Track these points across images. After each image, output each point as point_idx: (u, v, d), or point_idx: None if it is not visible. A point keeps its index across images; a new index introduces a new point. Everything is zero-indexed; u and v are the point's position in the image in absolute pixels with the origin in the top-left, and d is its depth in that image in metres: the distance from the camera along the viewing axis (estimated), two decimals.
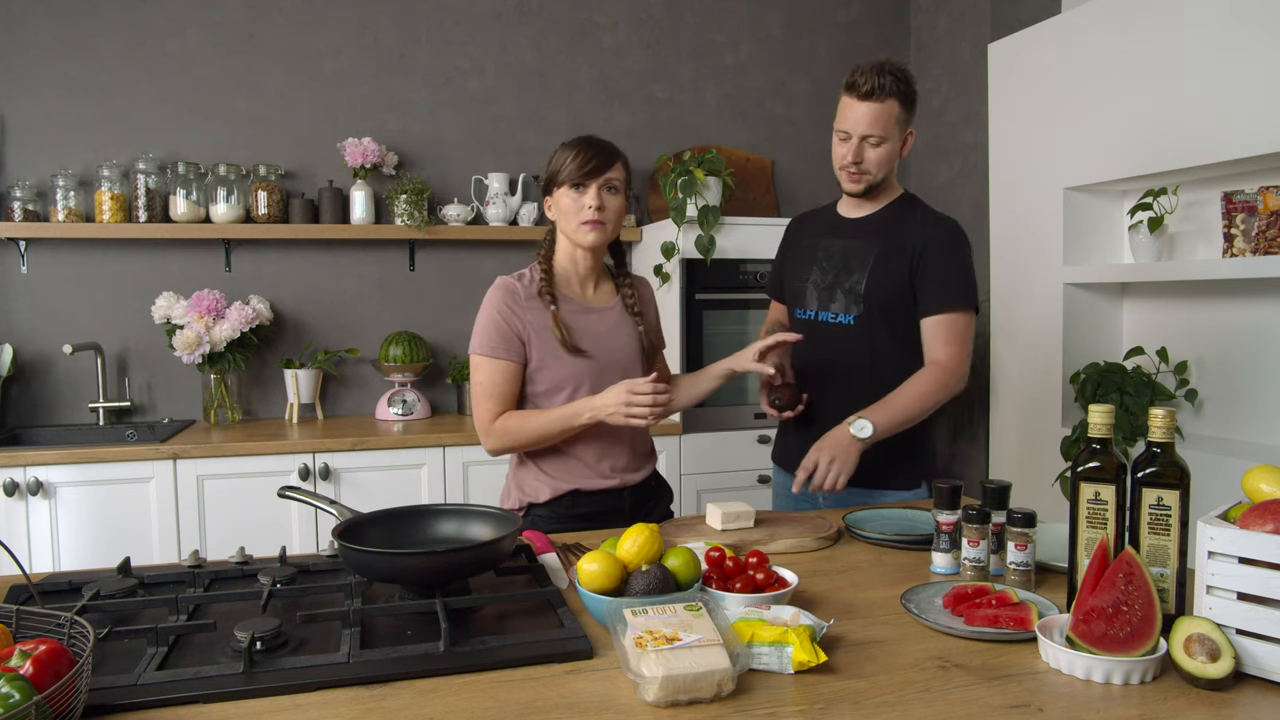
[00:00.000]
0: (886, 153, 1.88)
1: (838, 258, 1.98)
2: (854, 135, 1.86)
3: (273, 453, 2.71)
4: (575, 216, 1.74)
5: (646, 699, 0.96)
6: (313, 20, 3.24)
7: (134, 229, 2.97)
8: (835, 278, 1.97)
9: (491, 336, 1.76)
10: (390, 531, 1.38)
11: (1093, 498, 1.17)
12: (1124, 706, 0.96)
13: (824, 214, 2.11)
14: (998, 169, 3.20)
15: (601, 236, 1.76)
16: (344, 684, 1.02)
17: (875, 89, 1.81)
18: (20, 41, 2.99)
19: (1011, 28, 3.30)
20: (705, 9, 3.66)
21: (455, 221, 3.25)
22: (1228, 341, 2.63)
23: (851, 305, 1.94)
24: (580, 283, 1.86)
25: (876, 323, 1.92)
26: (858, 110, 1.84)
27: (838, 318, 1.96)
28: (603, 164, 1.72)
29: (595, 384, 1.78)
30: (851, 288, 1.94)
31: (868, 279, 1.92)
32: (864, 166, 1.88)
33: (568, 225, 1.77)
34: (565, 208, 1.75)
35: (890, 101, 1.83)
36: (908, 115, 1.88)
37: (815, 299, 2.00)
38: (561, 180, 1.74)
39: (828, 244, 2.02)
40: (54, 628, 1.00)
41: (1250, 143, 2.31)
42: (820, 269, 2.00)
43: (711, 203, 3.13)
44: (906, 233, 1.93)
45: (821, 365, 1.98)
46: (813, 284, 2.01)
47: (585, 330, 1.81)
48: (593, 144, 1.75)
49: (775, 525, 1.68)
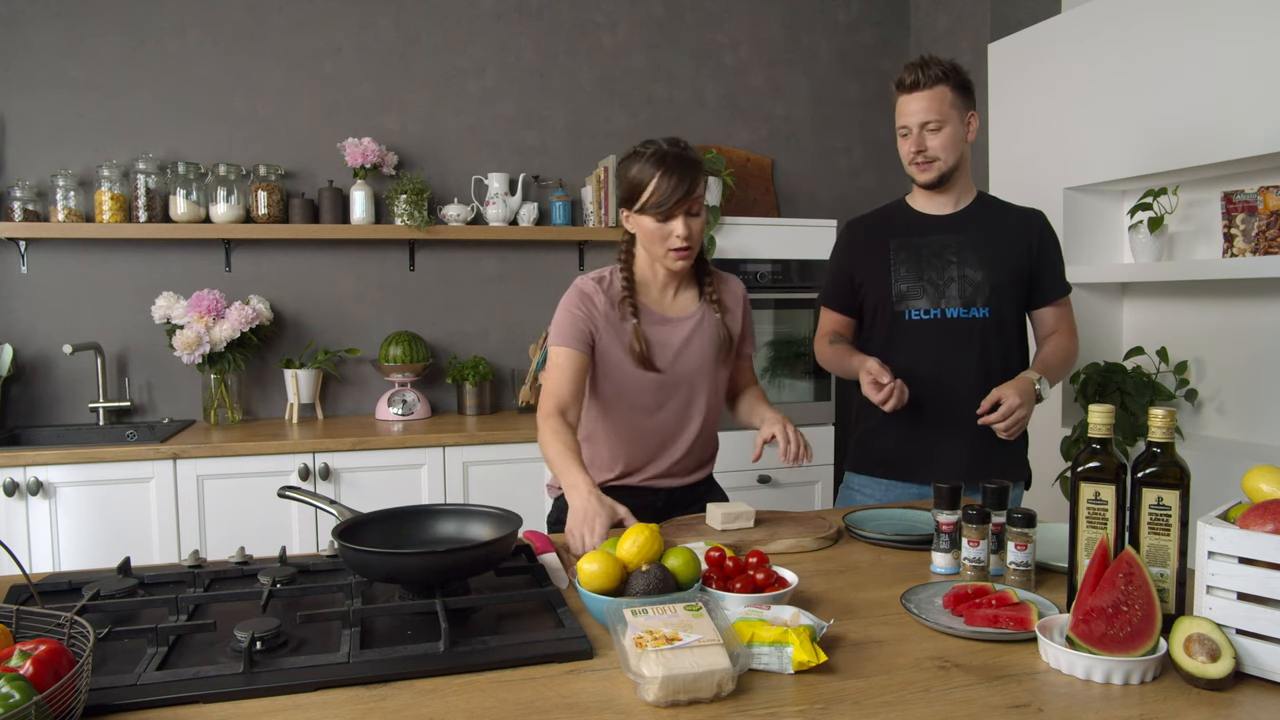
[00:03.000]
0: (949, 135, 1.89)
1: (947, 254, 1.95)
2: (912, 127, 1.89)
3: (273, 453, 2.71)
4: (662, 244, 1.71)
5: (646, 699, 0.96)
6: (313, 20, 3.24)
7: (134, 229, 2.97)
8: (958, 273, 1.94)
9: (567, 325, 1.75)
10: (390, 531, 1.38)
11: (1093, 498, 1.17)
12: (1124, 706, 0.96)
13: (898, 214, 2.05)
14: (998, 169, 3.20)
15: (689, 263, 1.75)
16: (344, 684, 1.02)
17: (920, 79, 1.87)
18: (20, 41, 2.99)
19: (1011, 28, 3.30)
20: (705, 9, 3.66)
21: (455, 221, 3.25)
22: (1228, 341, 2.63)
23: (982, 299, 1.93)
24: (660, 290, 1.83)
25: (1006, 315, 1.95)
26: (910, 103, 1.89)
27: (969, 312, 1.93)
28: (690, 190, 1.67)
29: (658, 396, 1.79)
30: (982, 282, 1.93)
31: (995, 272, 1.93)
32: (930, 153, 1.90)
33: (653, 249, 1.73)
34: (649, 231, 1.71)
35: (939, 87, 1.87)
36: (963, 99, 1.91)
37: (938, 296, 1.95)
38: (646, 207, 1.68)
39: (925, 242, 1.98)
40: (54, 628, 0.99)
41: (1250, 143, 2.31)
42: (932, 266, 1.96)
43: (711, 203, 3.13)
44: (1014, 225, 1.97)
45: (951, 362, 1.94)
46: (928, 282, 1.96)
47: (660, 343, 1.79)
48: (680, 165, 1.67)
49: (775, 525, 1.68)
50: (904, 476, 2.01)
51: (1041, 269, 1.97)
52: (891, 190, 3.87)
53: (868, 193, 3.88)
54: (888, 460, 2.03)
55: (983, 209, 2.00)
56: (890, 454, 2.02)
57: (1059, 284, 2.00)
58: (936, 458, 1.95)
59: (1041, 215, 2.02)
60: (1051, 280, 1.99)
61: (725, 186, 3.20)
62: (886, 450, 2.02)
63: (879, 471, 2.04)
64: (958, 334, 1.94)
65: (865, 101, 3.89)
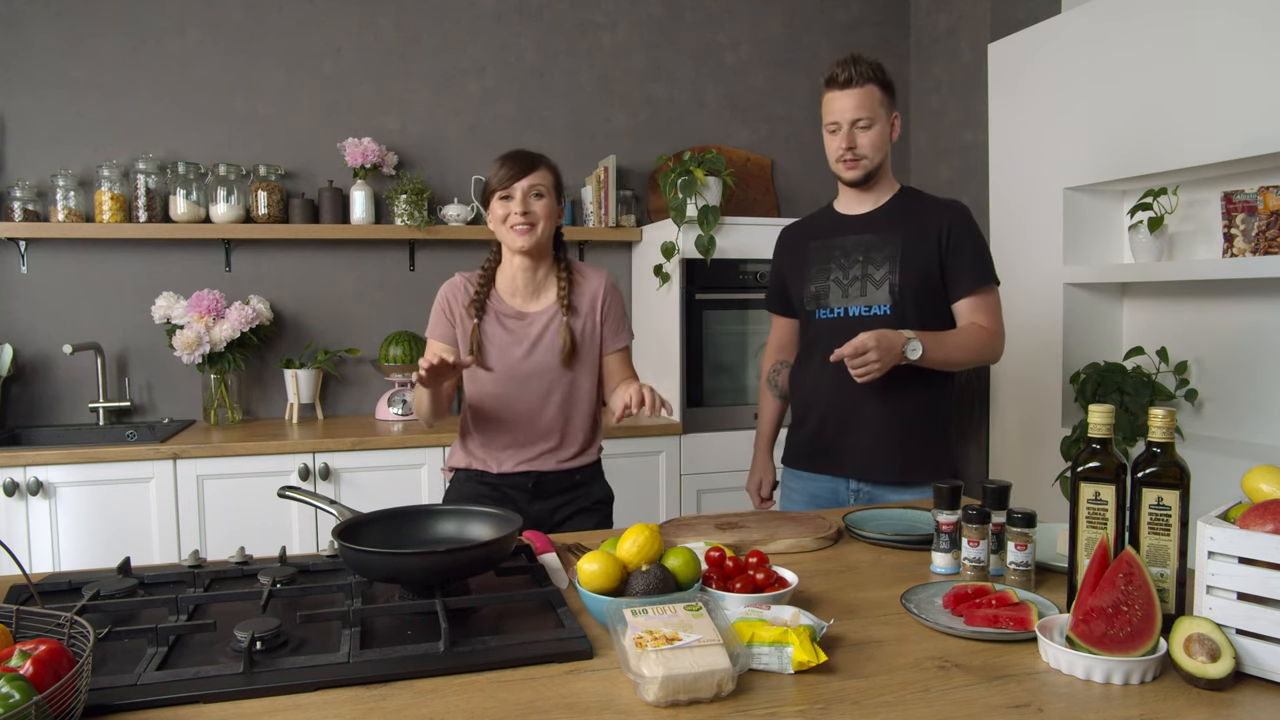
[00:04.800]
0: (878, 135, 1.95)
1: (856, 253, 2.00)
2: (843, 124, 1.94)
3: (273, 453, 2.71)
4: (504, 222, 1.87)
5: (646, 699, 0.96)
6: (313, 20, 3.24)
7: (134, 229, 2.97)
8: (861, 272, 1.98)
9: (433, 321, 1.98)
10: (390, 532, 1.38)
11: (1093, 498, 1.17)
12: (1124, 706, 0.96)
13: (821, 217, 2.13)
14: (998, 169, 3.20)
15: (530, 239, 1.86)
16: (344, 684, 1.02)
17: (853, 76, 1.92)
18: (20, 41, 2.99)
19: (1011, 28, 3.30)
20: (705, 9, 3.66)
21: (455, 221, 3.25)
22: (1228, 341, 2.63)
23: (883, 297, 1.95)
24: (521, 291, 1.95)
25: (909, 311, 1.94)
26: (840, 100, 1.94)
27: (870, 310, 1.96)
28: (524, 169, 1.85)
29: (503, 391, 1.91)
30: (882, 279, 1.96)
31: (900, 269, 1.94)
32: (859, 151, 1.95)
33: (502, 232, 1.89)
34: (497, 216, 1.88)
35: (869, 86, 1.92)
36: (889, 99, 1.96)
37: (842, 295, 2.00)
38: (491, 190, 1.87)
39: (839, 242, 2.03)
40: (54, 628, 1.00)
41: (1250, 143, 2.31)
42: (840, 266, 2.01)
43: (711, 203, 3.13)
44: (924, 220, 1.97)
45: None
46: (835, 281, 2.01)
47: (505, 340, 1.92)
48: (516, 154, 1.88)
49: (776, 525, 1.68)
50: (817, 469, 2.07)
51: (951, 262, 1.94)
52: None
53: None
54: (804, 454, 2.10)
55: (900, 205, 2.01)
56: (805, 449, 2.10)
57: (974, 276, 1.94)
58: (842, 451, 2.01)
59: (957, 206, 2.00)
60: (964, 274, 1.94)
61: (725, 186, 3.20)
62: (801, 445, 2.11)
63: (798, 465, 2.12)
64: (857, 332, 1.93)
65: None
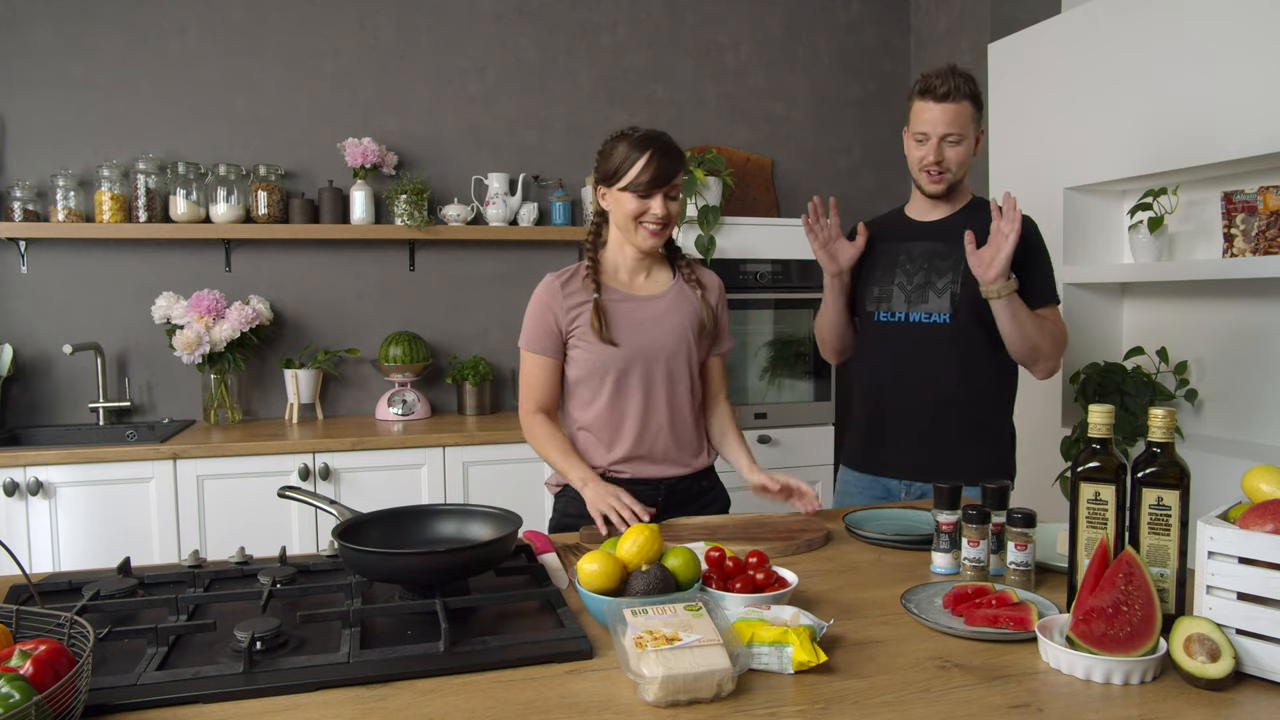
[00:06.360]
0: (965, 151, 1.95)
1: (922, 260, 2.01)
2: (933, 136, 1.92)
3: (273, 453, 2.71)
4: (637, 221, 1.76)
5: (646, 699, 0.96)
6: (313, 20, 3.24)
7: (134, 229, 2.97)
8: (925, 279, 1.99)
9: (532, 329, 1.85)
10: (390, 532, 1.38)
11: (1093, 498, 1.17)
12: (1124, 706, 0.96)
13: (892, 219, 2.13)
14: (998, 169, 3.20)
15: (661, 242, 1.79)
16: (344, 684, 1.02)
17: (952, 90, 1.89)
18: (20, 41, 2.99)
19: (1011, 28, 3.30)
20: (705, 9, 3.66)
21: (455, 221, 3.25)
22: (1228, 341, 2.63)
23: (944, 305, 1.96)
24: (629, 273, 1.87)
25: (970, 322, 1.95)
26: (935, 112, 1.90)
27: (931, 318, 1.97)
28: (674, 170, 1.73)
29: (624, 371, 1.80)
30: (944, 288, 1.97)
31: (963, 280, 1.94)
32: (945, 165, 1.94)
33: (627, 227, 1.77)
34: (627, 209, 1.75)
35: (965, 102, 1.91)
36: (978, 114, 1.95)
37: (904, 301, 2.01)
38: (626, 186, 1.73)
39: (908, 247, 2.04)
40: (54, 628, 1.00)
41: (1250, 143, 2.31)
42: (905, 272, 2.02)
43: (711, 203, 3.13)
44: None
45: (911, 365, 2.00)
46: (899, 286, 2.02)
47: (625, 317, 1.82)
48: (664, 151, 1.72)
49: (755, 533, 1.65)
50: (875, 470, 2.08)
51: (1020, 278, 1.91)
52: (890, 189, 3.87)
53: (867, 193, 3.88)
54: (862, 455, 2.11)
55: (973, 217, 1.99)
56: (863, 449, 2.11)
57: (1035, 294, 1.92)
58: (900, 453, 2.03)
59: (1030, 223, 1.98)
60: (1030, 291, 1.91)
61: (725, 186, 3.20)
62: (859, 445, 2.12)
63: (856, 465, 2.13)
64: (916, 338, 1.99)
65: (865, 101, 3.89)
